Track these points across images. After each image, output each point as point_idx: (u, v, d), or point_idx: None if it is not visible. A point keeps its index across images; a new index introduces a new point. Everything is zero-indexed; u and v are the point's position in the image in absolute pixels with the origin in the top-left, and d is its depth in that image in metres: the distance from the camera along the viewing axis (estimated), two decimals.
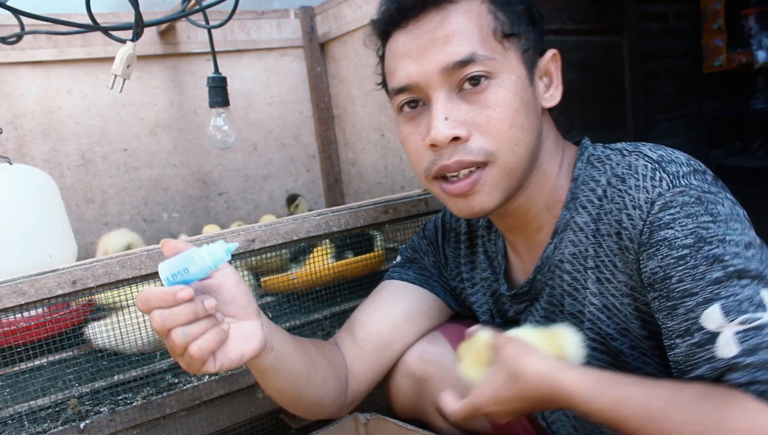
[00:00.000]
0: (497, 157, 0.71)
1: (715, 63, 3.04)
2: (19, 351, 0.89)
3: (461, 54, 0.69)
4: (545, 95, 0.76)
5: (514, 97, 0.70)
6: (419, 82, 0.71)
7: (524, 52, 0.73)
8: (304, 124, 2.06)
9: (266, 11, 1.95)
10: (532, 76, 0.74)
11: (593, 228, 0.73)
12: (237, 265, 1.12)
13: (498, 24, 0.71)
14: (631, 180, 0.69)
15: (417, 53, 0.71)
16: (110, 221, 1.77)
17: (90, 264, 0.87)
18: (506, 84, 0.70)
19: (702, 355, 0.61)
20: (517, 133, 0.70)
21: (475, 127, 0.70)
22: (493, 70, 0.70)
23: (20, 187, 1.02)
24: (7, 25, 1.45)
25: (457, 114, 0.70)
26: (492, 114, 0.70)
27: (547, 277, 0.80)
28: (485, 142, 0.70)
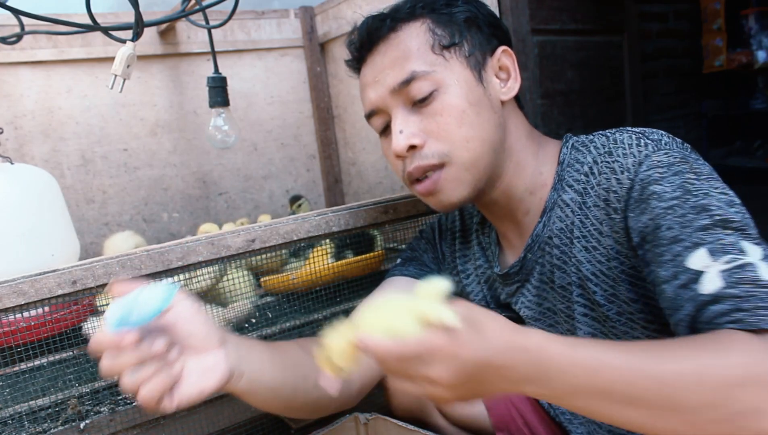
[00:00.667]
0: (452, 157, 0.78)
1: (715, 63, 3.04)
2: (19, 351, 0.89)
3: (403, 74, 0.78)
4: (502, 89, 0.82)
5: (460, 100, 0.78)
6: (379, 105, 0.82)
7: (468, 57, 0.79)
8: (304, 124, 2.06)
9: (266, 11, 1.95)
10: (480, 76, 0.80)
11: (579, 202, 0.77)
12: (238, 265, 1.12)
13: (436, 39, 0.79)
14: (618, 150, 0.74)
15: (373, 82, 0.82)
16: (110, 221, 1.77)
17: (90, 264, 0.87)
18: (450, 90, 0.78)
19: (686, 294, 0.61)
20: (467, 131, 0.78)
21: (428, 135, 0.79)
22: (436, 80, 0.77)
23: (22, 187, 1.02)
24: (7, 25, 1.45)
25: (411, 126, 0.79)
26: (441, 120, 0.78)
27: (537, 255, 0.83)
28: (439, 145, 0.78)
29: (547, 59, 2.36)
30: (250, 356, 0.72)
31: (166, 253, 0.91)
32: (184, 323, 0.65)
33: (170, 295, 0.61)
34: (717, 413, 0.52)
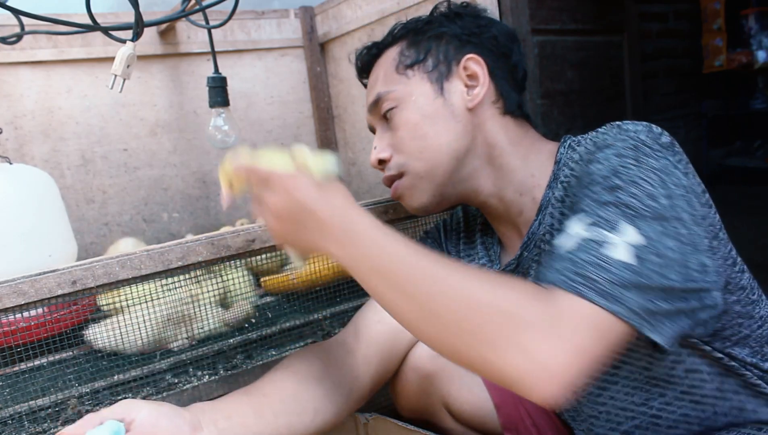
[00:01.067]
0: (407, 168, 0.84)
1: (715, 63, 3.04)
2: (19, 351, 0.89)
3: (371, 97, 0.88)
4: (467, 97, 0.84)
5: (413, 114, 0.83)
6: (370, 124, 0.92)
7: (431, 71, 0.84)
8: (304, 124, 2.06)
9: (266, 11, 1.95)
10: (442, 87, 0.83)
11: (562, 195, 0.78)
12: (238, 265, 1.12)
13: (402, 60, 0.85)
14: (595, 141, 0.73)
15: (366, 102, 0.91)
16: (110, 221, 1.77)
17: (90, 264, 0.87)
18: (407, 106, 0.83)
19: (553, 248, 0.64)
20: (419, 143, 0.83)
21: (393, 148, 0.86)
22: (396, 98, 0.84)
23: (20, 187, 1.02)
24: (7, 25, 1.45)
25: (383, 141, 0.87)
26: (398, 134, 0.84)
27: (534, 253, 0.83)
28: (398, 158, 0.85)
29: (547, 59, 2.36)
30: (231, 424, 0.73)
31: (166, 253, 0.91)
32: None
33: (119, 431, 0.62)
34: (466, 327, 0.57)
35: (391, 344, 0.91)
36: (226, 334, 1.07)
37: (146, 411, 0.67)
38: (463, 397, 0.94)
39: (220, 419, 0.72)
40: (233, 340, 1.05)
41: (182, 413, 0.70)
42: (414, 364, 0.94)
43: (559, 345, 0.55)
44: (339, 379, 0.85)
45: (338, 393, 0.83)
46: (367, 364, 0.89)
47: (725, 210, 0.74)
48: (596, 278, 0.57)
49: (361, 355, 0.89)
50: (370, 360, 0.89)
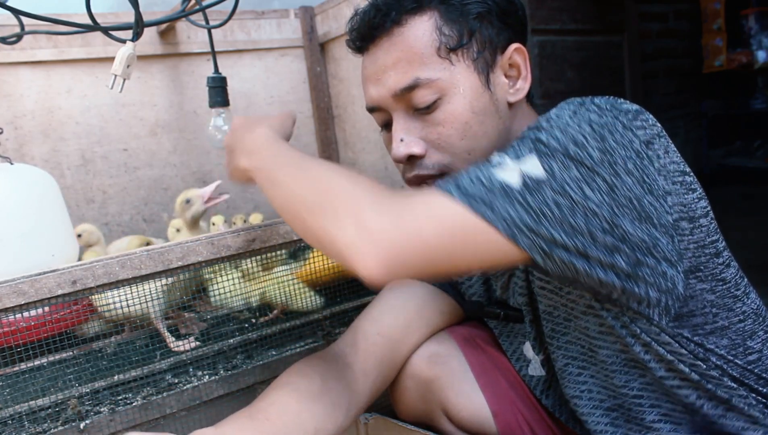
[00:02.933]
0: (452, 169, 0.76)
1: (715, 63, 3.04)
2: (19, 351, 0.89)
3: (405, 81, 0.74)
4: (510, 90, 0.78)
5: (464, 110, 0.74)
6: (380, 104, 0.79)
7: (476, 59, 0.75)
8: (304, 124, 2.06)
9: (266, 11, 1.95)
10: (488, 79, 0.76)
11: None
12: (238, 265, 1.12)
13: (443, 40, 0.74)
14: None
15: (374, 78, 0.78)
16: (110, 221, 1.77)
17: (90, 264, 0.87)
18: (454, 99, 0.74)
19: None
20: (469, 143, 0.75)
21: (430, 144, 0.76)
22: (440, 88, 0.74)
23: (21, 187, 1.02)
24: (7, 25, 1.44)
25: (413, 133, 0.76)
26: (443, 130, 0.75)
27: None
28: (440, 156, 0.76)
29: (547, 59, 2.36)
30: None
31: (166, 253, 0.91)
32: None
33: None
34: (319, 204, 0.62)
35: (389, 356, 0.91)
36: (226, 334, 1.07)
37: None
38: (461, 403, 0.93)
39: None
40: (233, 340, 1.05)
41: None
42: (412, 372, 0.93)
43: (393, 221, 0.57)
44: (338, 394, 0.84)
45: (337, 409, 0.82)
46: (365, 377, 0.88)
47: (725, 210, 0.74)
48: (466, 185, 0.59)
49: (360, 369, 0.88)
50: (368, 373, 0.88)
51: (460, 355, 0.94)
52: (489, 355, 0.96)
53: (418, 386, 0.94)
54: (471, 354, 0.95)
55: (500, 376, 0.94)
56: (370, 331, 0.91)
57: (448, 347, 0.95)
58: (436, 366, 0.93)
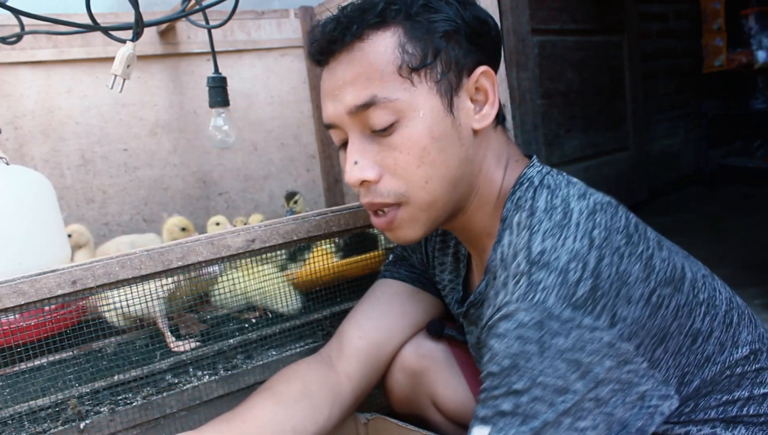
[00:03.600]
0: (409, 197, 0.71)
1: (715, 63, 3.04)
2: (19, 351, 0.89)
3: (362, 98, 0.69)
4: (476, 116, 0.73)
5: (422, 135, 0.69)
6: (336, 122, 0.73)
7: (439, 81, 0.70)
8: (304, 124, 2.06)
9: (266, 11, 1.95)
10: (451, 103, 0.70)
11: (490, 284, 0.71)
12: (238, 265, 1.12)
13: (405, 58, 0.68)
14: (504, 273, 0.66)
15: (332, 94, 0.72)
16: (110, 221, 1.77)
17: (90, 264, 0.87)
18: (412, 124, 0.69)
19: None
20: (426, 171, 0.70)
21: (385, 169, 0.71)
22: (398, 109, 0.68)
23: (14, 189, 1.02)
24: (7, 25, 1.44)
25: (367, 156, 0.71)
26: (398, 156, 0.70)
27: (479, 311, 0.80)
28: (395, 183, 0.71)
29: (547, 59, 2.36)
30: None
31: (166, 253, 0.91)
32: None
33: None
34: None
35: (373, 358, 0.93)
36: (226, 334, 1.07)
37: None
38: (448, 395, 0.96)
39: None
40: (233, 340, 1.05)
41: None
42: (402, 364, 0.96)
43: None
44: (319, 397, 0.86)
45: (318, 411, 0.85)
46: (349, 380, 0.90)
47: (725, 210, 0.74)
48: None
49: (343, 371, 0.90)
50: (352, 376, 0.90)
51: (446, 349, 0.97)
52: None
53: (408, 378, 0.96)
54: (457, 349, 0.98)
55: None
56: (354, 334, 0.92)
57: (435, 342, 0.97)
58: (424, 359, 0.95)
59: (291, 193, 1.81)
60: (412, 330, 0.97)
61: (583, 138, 2.62)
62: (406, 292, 0.97)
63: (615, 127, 2.70)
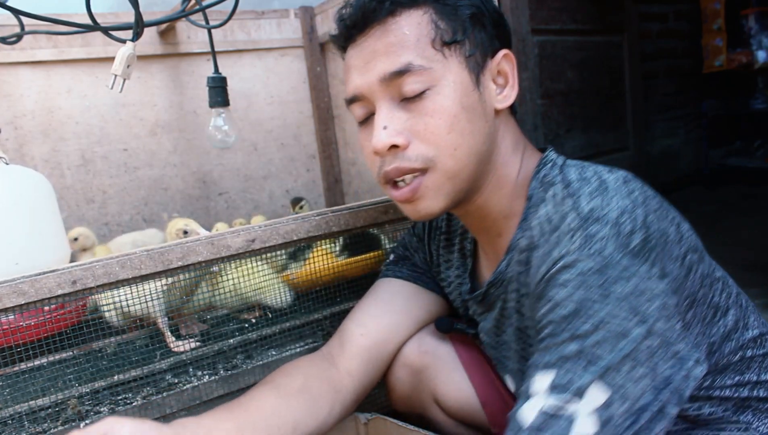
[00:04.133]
0: (436, 163, 0.72)
1: (715, 63, 3.05)
2: (19, 351, 0.89)
3: (397, 64, 0.71)
4: (498, 97, 0.76)
5: (453, 104, 0.72)
6: (363, 92, 0.75)
7: (468, 57, 0.73)
8: (304, 124, 2.06)
9: (266, 11, 1.95)
10: (478, 79, 0.74)
11: (527, 256, 0.73)
12: (238, 265, 1.12)
13: (438, 33, 0.72)
14: (556, 234, 0.67)
15: (361, 65, 0.74)
16: (110, 221, 1.77)
17: (90, 264, 0.87)
18: (445, 91, 0.72)
19: (514, 407, 0.63)
20: (456, 138, 0.72)
21: (414, 135, 0.72)
22: (431, 78, 0.71)
23: (13, 189, 1.01)
24: (7, 25, 1.45)
25: (396, 123, 0.72)
26: (429, 121, 0.72)
27: (500, 291, 0.81)
28: (423, 148, 0.72)
29: (547, 59, 2.36)
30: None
31: (166, 253, 0.91)
32: None
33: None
34: None
35: (375, 356, 0.93)
36: (226, 334, 1.07)
37: (128, 428, 0.68)
38: (451, 392, 0.95)
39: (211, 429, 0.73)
40: (233, 340, 1.05)
41: (164, 430, 0.71)
42: (404, 361, 0.96)
43: None
44: (320, 393, 0.86)
45: (318, 406, 0.85)
46: (351, 377, 0.90)
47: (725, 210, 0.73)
48: None
49: (344, 368, 0.90)
50: (353, 373, 0.90)
51: (449, 347, 0.97)
52: (477, 347, 0.98)
53: (410, 375, 0.96)
54: (460, 345, 0.98)
55: (489, 367, 0.96)
56: (355, 332, 0.92)
57: (438, 338, 0.97)
58: (427, 356, 0.95)
59: (297, 198, 1.82)
60: (415, 328, 0.97)
61: (583, 138, 2.63)
62: (408, 291, 0.97)
63: (615, 127, 2.70)
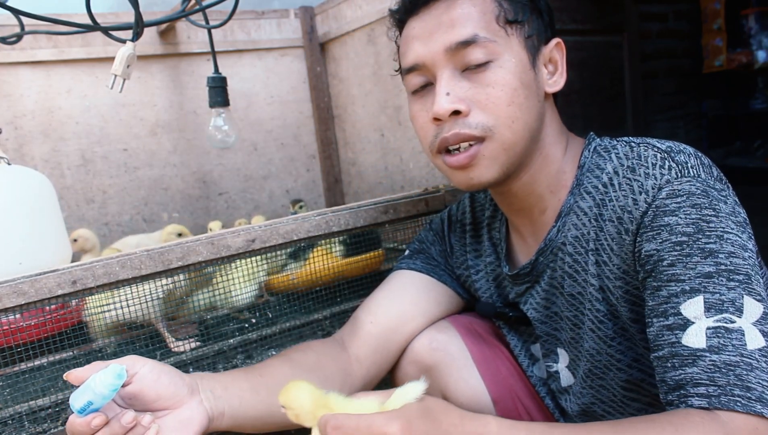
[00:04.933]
0: (495, 133, 0.75)
1: (715, 63, 3.04)
2: (19, 351, 0.89)
3: (464, 35, 0.74)
4: (549, 81, 0.80)
5: (514, 78, 0.75)
6: (426, 61, 0.77)
7: (527, 38, 0.77)
8: (304, 124, 2.06)
9: (266, 11, 1.95)
10: (534, 61, 0.78)
11: (596, 212, 0.75)
12: (237, 265, 1.12)
13: (502, 10, 0.76)
14: (640, 169, 0.71)
15: (425, 36, 0.77)
16: (110, 221, 1.77)
17: (90, 264, 0.87)
18: (506, 65, 0.75)
19: (668, 337, 0.62)
20: (515, 111, 0.75)
21: (475, 104, 0.75)
22: (495, 51, 0.74)
23: (15, 189, 1.02)
24: (7, 25, 1.45)
25: (458, 90, 0.75)
26: (491, 92, 0.74)
27: (549, 259, 0.82)
28: (484, 117, 0.75)
29: None
30: (228, 394, 0.74)
31: (166, 253, 0.91)
32: (149, 390, 0.68)
33: (121, 373, 0.64)
34: None
35: (383, 344, 0.92)
36: (226, 334, 1.07)
37: (149, 366, 0.69)
38: (461, 389, 0.95)
39: (217, 387, 0.74)
40: (233, 340, 1.05)
41: (182, 375, 0.72)
42: (413, 358, 0.95)
43: None
44: (331, 372, 0.86)
45: (330, 384, 0.85)
46: (359, 364, 0.90)
47: None
48: (755, 386, 0.56)
49: (354, 355, 0.91)
50: (362, 360, 0.91)
51: (461, 343, 0.96)
52: (489, 344, 0.97)
53: (419, 372, 0.95)
54: (472, 342, 0.97)
55: (500, 364, 0.96)
56: (365, 320, 0.93)
57: (449, 335, 0.96)
58: (437, 352, 0.94)
59: (296, 200, 1.82)
60: (424, 319, 0.96)
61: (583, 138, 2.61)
62: (421, 282, 0.97)
63: (615, 127, 2.70)
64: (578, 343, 0.82)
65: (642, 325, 0.72)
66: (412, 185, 1.70)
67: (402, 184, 1.75)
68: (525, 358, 0.95)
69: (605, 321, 0.76)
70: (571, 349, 0.84)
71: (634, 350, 0.76)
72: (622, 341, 0.76)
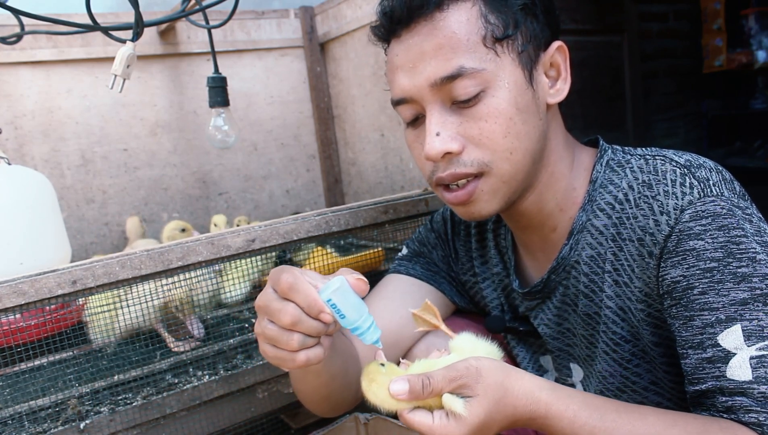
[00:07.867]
0: (492, 168, 0.71)
1: (715, 63, 3.04)
2: (19, 351, 0.89)
3: (448, 69, 0.68)
4: (550, 91, 0.74)
5: (509, 106, 0.69)
6: (413, 96, 0.72)
7: (521, 53, 0.70)
8: (304, 124, 2.06)
9: (266, 11, 1.95)
10: (531, 75, 0.71)
11: (613, 232, 0.72)
12: (237, 265, 1.12)
13: (489, 28, 0.69)
14: (659, 186, 0.67)
15: (409, 67, 0.71)
16: (110, 221, 1.77)
17: (90, 264, 0.87)
18: (499, 93, 0.69)
19: (711, 371, 0.60)
20: (512, 141, 0.70)
21: (468, 140, 0.70)
22: (485, 80, 0.68)
23: (15, 189, 1.02)
24: (7, 25, 1.45)
25: (449, 127, 0.70)
26: (484, 126, 0.69)
27: (562, 277, 0.80)
28: (479, 153, 0.70)
29: None
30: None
31: (166, 253, 0.91)
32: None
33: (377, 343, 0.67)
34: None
35: (393, 343, 0.91)
36: (226, 334, 1.07)
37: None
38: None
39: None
40: (233, 340, 1.05)
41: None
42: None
43: None
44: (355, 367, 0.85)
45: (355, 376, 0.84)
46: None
47: None
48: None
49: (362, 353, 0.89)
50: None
51: None
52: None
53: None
54: None
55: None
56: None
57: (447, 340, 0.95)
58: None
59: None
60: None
61: (583, 138, 2.62)
62: (419, 291, 0.95)
63: (615, 127, 2.70)
64: (593, 360, 0.80)
65: (664, 348, 0.70)
66: (412, 185, 1.70)
67: (402, 184, 1.75)
68: (533, 368, 0.94)
69: (621, 343, 0.74)
70: (586, 365, 0.83)
71: (652, 374, 0.74)
72: (640, 363, 0.74)
